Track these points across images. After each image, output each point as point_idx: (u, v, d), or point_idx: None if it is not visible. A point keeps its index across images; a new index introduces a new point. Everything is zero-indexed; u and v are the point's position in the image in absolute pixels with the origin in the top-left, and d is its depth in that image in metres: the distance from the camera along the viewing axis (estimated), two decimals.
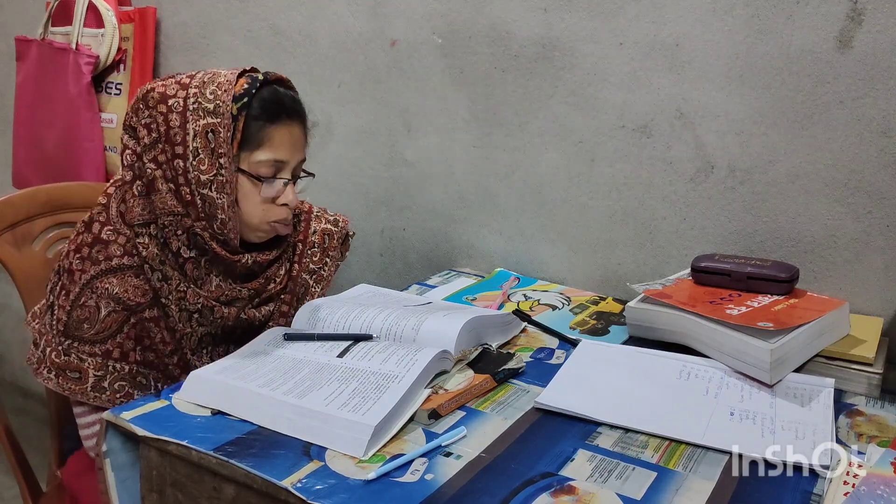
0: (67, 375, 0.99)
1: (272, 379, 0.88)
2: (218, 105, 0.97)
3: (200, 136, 0.97)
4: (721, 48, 1.16)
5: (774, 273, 1.03)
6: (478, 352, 0.97)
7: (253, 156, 1.00)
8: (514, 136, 1.37)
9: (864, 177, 1.10)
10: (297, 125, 1.04)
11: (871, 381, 0.94)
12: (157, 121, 0.99)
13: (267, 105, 1.01)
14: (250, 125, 0.99)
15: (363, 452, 0.76)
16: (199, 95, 0.98)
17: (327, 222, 1.20)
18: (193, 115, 0.97)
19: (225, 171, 0.98)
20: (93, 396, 0.99)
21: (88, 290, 0.99)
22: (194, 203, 0.99)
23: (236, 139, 0.99)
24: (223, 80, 0.99)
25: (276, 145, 1.01)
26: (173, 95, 0.98)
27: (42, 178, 1.82)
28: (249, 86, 1.00)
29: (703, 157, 1.21)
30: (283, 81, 1.06)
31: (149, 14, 1.76)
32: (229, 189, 0.99)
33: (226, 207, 0.99)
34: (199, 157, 0.97)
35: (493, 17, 1.34)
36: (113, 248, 1.00)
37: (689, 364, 0.97)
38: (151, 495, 0.83)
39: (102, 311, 0.99)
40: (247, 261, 1.05)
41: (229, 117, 0.97)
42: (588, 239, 1.34)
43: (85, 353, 0.99)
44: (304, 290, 1.14)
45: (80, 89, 1.78)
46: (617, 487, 0.72)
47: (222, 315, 1.04)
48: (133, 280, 1.00)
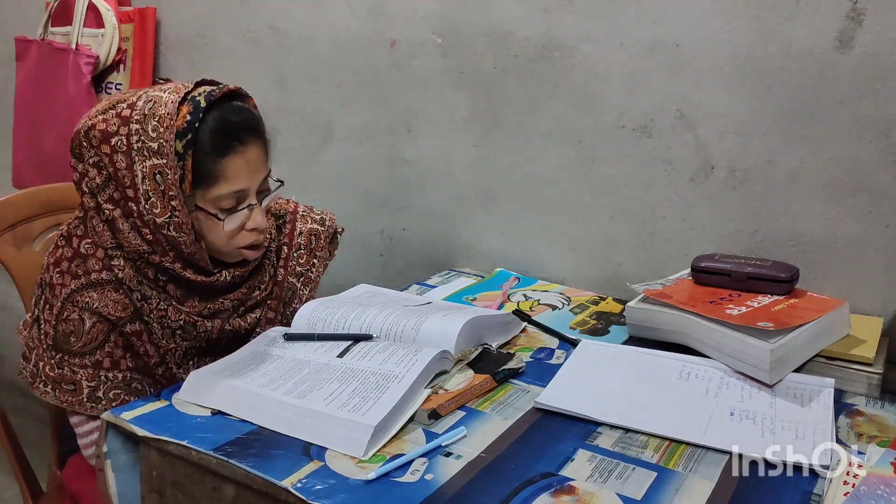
0: (63, 388, 0.98)
1: (272, 379, 0.88)
2: (161, 144, 0.91)
3: (149, 178, 0.92)
4: (721, 48, 1.16)
5: (774, 273, 1.03)
6: (478, 352, 0.97)
7: (210, 192, 0.95)
8: (514, 136, 1.37)
9: (864, 177, 1.10)
10: (252, 147, 0.97)
11: (871, 381, 0.94)
12: (104, 161, 0.94)
13: (214, 137, 0.94)
14: (201, 162, 0.94)
15: (363, 452, 0.76)
16: (142, 132, 0.92)
17: (314, 222, 1.16)
18: (139, 155, 0.92)
19: (179, 212, 0.93)
20: (89, 407, 0.98)
21: (70, 303, 0.97)
22: (158, 241, 0.96)
23: (187, 179, 0.93)
24: (164, 114, 0.92)
25: (232, 177, 0.96)
26: (115, 133, 0.93)
27: (42, 179, 1.81)
28: (192, 117, 0.93)
29: (703, 157, 1.21)
30: (233, 94, 0.98)
31: (149, 14, 1.75)
32: (187, 229, 0.95)
33: (188, 244, 0.96)
34: (150, 201, 0.93)
35: (493, 17, 1.34)
36: (91, 262, 0.98)
37: (689, 364, 0.97)
38: (152, 495, 0.83)
39: (87, 323, 0.97)
40: (224, 279, 1.02)
41: (174, 158, 0.92)
42: (588, 239, 1.34)
43: (76, 365, 0.98)
44: (291, 294, 1.12)
45: (79, 89, 1.78)
46: (617, 487, 0.72)
47: (206, 329, 1.02)
48: (113, 294, 0.98)
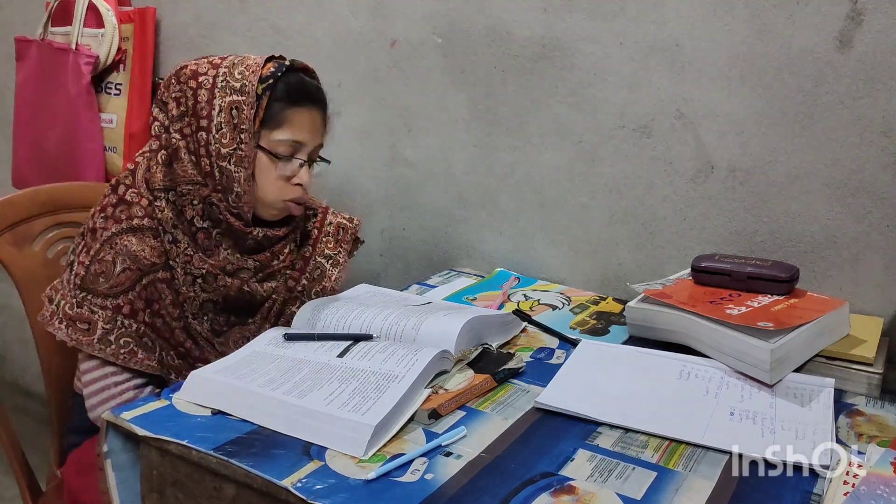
0: (77, 326, 1.02)
1: (272, 379, 0.88)
2: (244, 84, 1.04)
3: (225, 111, 1.03)
4: (721, 48, 1.16)
5: (774, 273, 1.03)
6: (478, 352, 0.97)
7: (273, 134, 1.06)
8: (514, 136, 1.37)
9: (864, 177, 1.10)
10: (317, 111, 1.10)
11: (871, 381, 0.94)
12: (187, 95, 1.05)
13: (290, 88, 1.06)
14: (273, 105, 1.05)
15: (363, 452, 0.76)
16: (228, 75, 1.05)
17: (343, 218, 1.25)
18: (221, 91, 1.04)
19: (245, 146, 1.03)
20: (98, 348, 1.02)
21: (108, 245, 1.04)
22: (213, 174, 1.04)
23: (258, 117, 1.04)
24: (252, 63, 1.06)
25: (296, 127, 1.07)
26: (204, 73, 1.05)
27: (42, 179, 1.81)
28: (276, 69, 1.06)
29: (703, 157, 1.21)
30: (309, 71, 1.12)
31: (149, 14, 1.75)
32: (247, 164, 1.04)
33: (242, 181, 1.04)
34: (221, 131, 1.03)
35: (493, 17, 1.34)
36: (135, 209, 1.06)
37: (689, 364, 0.97)
38: (152, 495, 0.83)
39: (118, 266, 1.03)
40: (257, 234, 1.09)
41: (254, 96, 1.04)
42: (588, 239, 1.34)
43: (97, 305, 1.03)
44: (320, 273, 1.19)
45: (79, 89, 1.78)
46: (617, 487, 0.72)
47: (225, 284, 1.08)
48: (151, 240, 1.05)
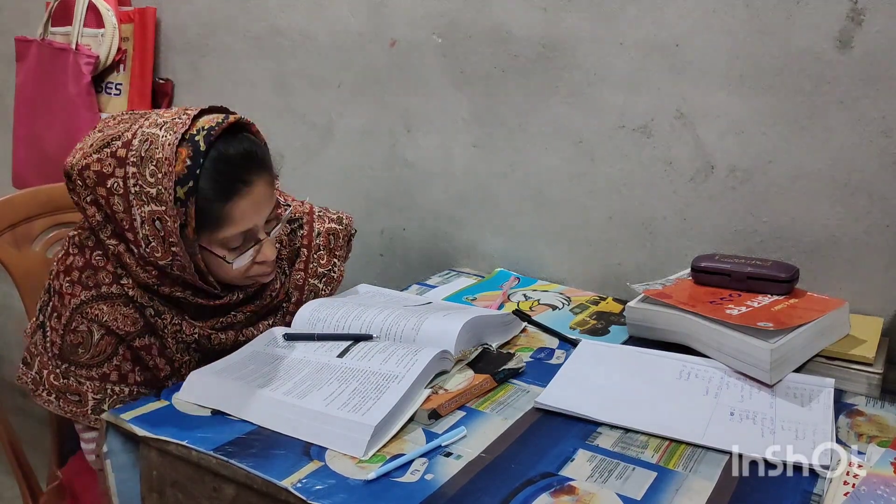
0: (68, 398, 0.97)
1: (272, 379, 0.88)
2: (160, 191, 0.88)
3: (148, 223, 0.90)
4: (721, 48, 1.16)
5: (774, 273, 1.03)
6: (478, 352, 0.97)
7: (216, 235, 0.94)
8: (514, 136, 1.37)
9: (864, 177, 1.10)
10: (258, 184, 0.94)
11: (871, 381, 0.94)
12: (100, 202, 0.92)
13: (217, 182, 0.91)
14: (205, 207, 0.91)
15: (363, 452, 0.76)
16: (139, 176, 0.89)
17: (331, 221, 1.16)
18: (137, 199, 0.89)
19: (180, 257, 0.91)
20: (93, 419, 0.97)
21: (79, 314, 0.96)
22: (164, 276, 0.95)
23: (190, 225, 0.91)
24: (161, 158, 0.88)
25: (239, 219, 0.93)
26: (111, 174, 0.90)
27: (42, 179, 1.81)
28: (192, 162, 0.89)
29: (703, 157, 1.21)
30: (239, 126, 0.95)
31: (149, 14, 1.75)
32: (190, 270, 0.93)
33: (196, 279, 0.95)
34: (151, 245, 0.91)
35: (493, 17, 1.34)
36: (102, 275, 0.96)
37: (689, 364, 0.97)
38: (152, 495, 0.83)
39: (95, 335, 0.96)
40: (237, 297, 1.02)
41: (173, 206, 0.89)
42: (588, 239, 1.34)
43: (83, 377, 0.97)
44: (313, 296, 1.12)
45: (79, 89, 1.78)
46: (617, 487, 0.72)
47: (220, 342, 1.01)
48: (123, 309, 0.96)
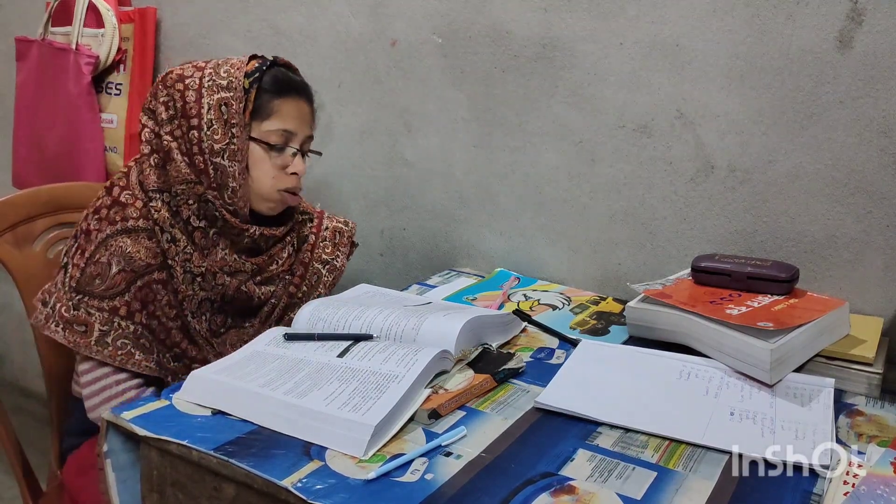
0: (74, 329, 1.03)
1: (272, 379, 0.88)
2: (231, 81, 1.07)
3: (214, 108, 1.06)
4: (721, 48, 1.16)
5: (774, 273, 1.03)
6: (478, 352, 0.97)
7: (264, 125, 1.09)
8: (514, 136, 1.37)
9: (864, 177, 1.10)
10: (304, 101, 1.13)
11: (871, 381, 0.94)
12: (175, 98, 1.07)
13: (276, 80, 1.10)
14: (261, 97, 1.08)
15: (363, 452, 0.76)
16: (214, 74, 1.08)
17: (338, 222, 1.28)
18: (208, 90, 1.06)
19: (237, 139, 1.06)
20: (95, 350, 1.02)
21: (103, 247, 1.05)
22: (207, 172, 1.06)
23: (248, 110, 1.07)
24: (236, 61, 1.10)
25: (286, 116, 1.10)
26: (190, 76, 1.08)
27: (42, 179, 1.82)
28: (260, 64, 1.10)
29: (703, 157, 1.21)
30: (291, 67, 1.15)
31: (149, 14, 1.76)
32: (240, 157, 1.06)
33: (237, 175, 1.06)
34: (212, 128, 1.05)
35: (493, 17, 1.34)
36: (130, 210, 1.07)
37: (689, 364, 0.97)
38: (152, 495, 0.83)
39: (113, 268, 1.04)
40: (254, 232, 1.10)
41: (241, 90, 1.07)
42: (588, 239, 1.34)
43: (93, 307, 1.03)
44: (316, 278, 1.23)
45: (80, 90, 1.78)
46: (617, 487, 0.72)
47: (223, 283, 1.09)
48: (146, 241, 1.06)
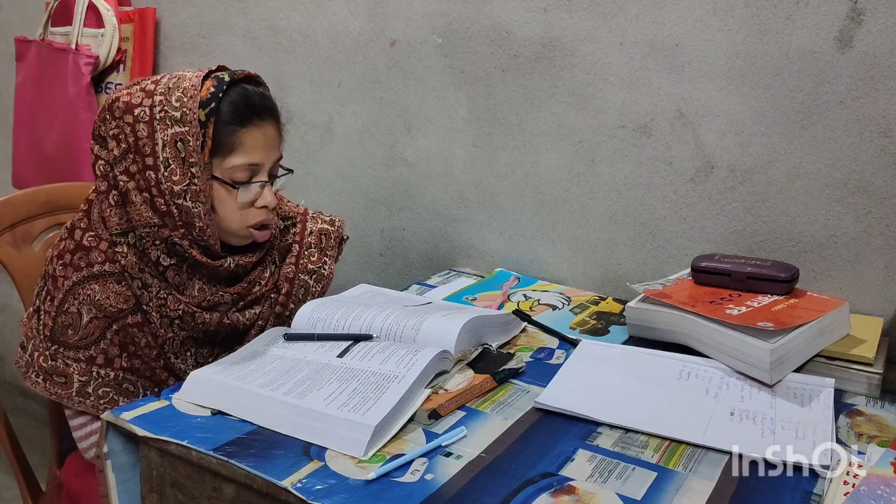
0: (54, 380, 0.99)
1: (272, 379, 0.88)
2: (185, 113, 0.95)
3: (170, 145, 0.96)
4: (721, 48, 1.16)
5: (774, 273, 1.03)
6: (478, 352, 0.97)
7: (226, 162, 0.99)
8: (514, 136, 1.37)
9: (864, 177, 1.10)
10: (269, 125, 1.02)
11: (871, 381, 0.94)
12: (125, 132, 0.97)
13: (236, 108, 0.98)
14: (221, 131, 0.97)
15: (363, 452, 0.76)
16: (165, 103, 0.96)
17: (323, 222, 1.20)
18: (161, 124, 0.96)
19: (198, 179, 0.96)
20: (77, 401, 1.00)
21: (71, 296, 0.99)
22: (170, 213, 0.98)
23: (207, 146, 0.97)
24: (188, 86, 0.97)
25: (250, 149, 0.99)
26: (139, 104, 0.97)
27: (42, 179, 1.82)
28: (216, 89, 0.98)
29: (703, 157, 1.21)
30: (252, 78, 1.04)
31: (149, 14, 1.76)
32: (204, 198, 0.97)
33: (202, 216, 0.98)
34: (170, 168, 0.96)
35: (493, 17, 1.34)
36: (94, 254, 1.00)
37: (689, 364, 0.97)
38: (152, 495, 0.83)
39: (84, 317, 0.99)
40: (229, 265, 1.04)
41: (197, 125, 0.96)
42: (588, 239, 1.34)
43: (70, 358, 0.99)
44: (304, 291, 1.14)
45: (79, 90, 1.78)
46: (617, 487, 0.72)
47: (204, 321, 1.03)
48: (115, 286, 1.00)
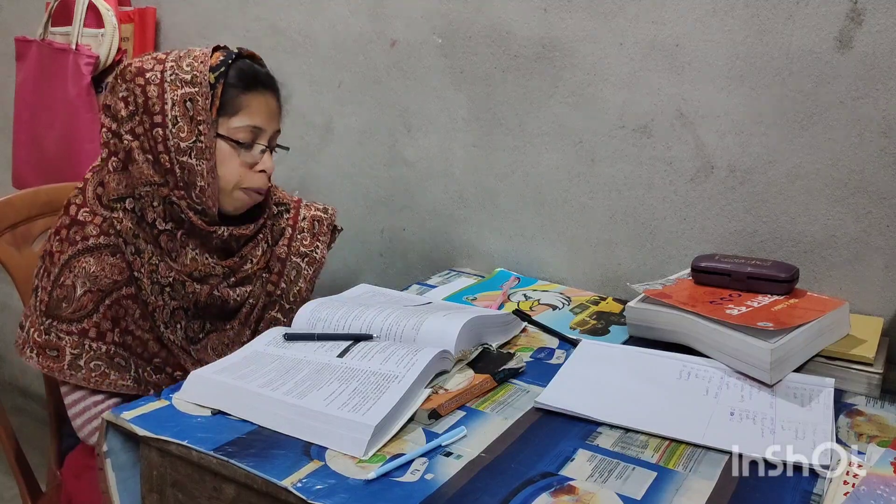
0: (47, 354, 1.01)
1: (272, 379, 0.88)
2: (195, 75, 1.01)
3: (179, 104, 1.00)
4: (721, 48, 1.16)
5: (774, 273, 1.03)
6: (478, 352, 0.97)
7: (231, 122, 1.04)
8: (514, 136, 1.37)
9: (864, 177, 1.10)
10: (272, 96, 1.08)
11: (871, 381, 0.94)
12: (135, 93, 1.01)
13: (243, 74, 1.05)
14: (228, 92, 1.03)
15: (363, 452, 0.76)
16: (177, 67, 1.02)
17: (316, 210, 1.25)
18: (171, 85, 1.01)
19: (204, 137, 1.01)
20: (69, 374, 1.01)
21: (67, 269, 1.02)
22: (173, 171, 1.01)
23: (214, 105, 1.02)
24: (199, 54, 1.04)
25: (254, 112, 1.05)
26: (150, 69, 1.02)
27: (42, 179, 1.81)
28: (225, 57, 1.05)
29: (703, 157, 1.21)
30: (256, 58, 1.10)
31: (149, 14, 1.76)
32: (208, 155, 1.02)
33: (205, 174, 1.02)
34: (178, 125, 1.00)
35: (493, 17, 1.34)
36: (89, 227, 1.03)
37: (689, 364, 0.97)
38: (152, 495, 0.83)
39: (78, 290, 1.01)
40: (223, 233, 1.06)
41: (207, 86, 1.01)
42: (588, 239, 1.34)
43: (63, 331, 1.01)
44: (296, 273, 1.19)
45: (79, 90, 1.78)
46: (617, 487, 0.72)
47: (194, 290, 1.05)
48: (109, 259, 1.02)
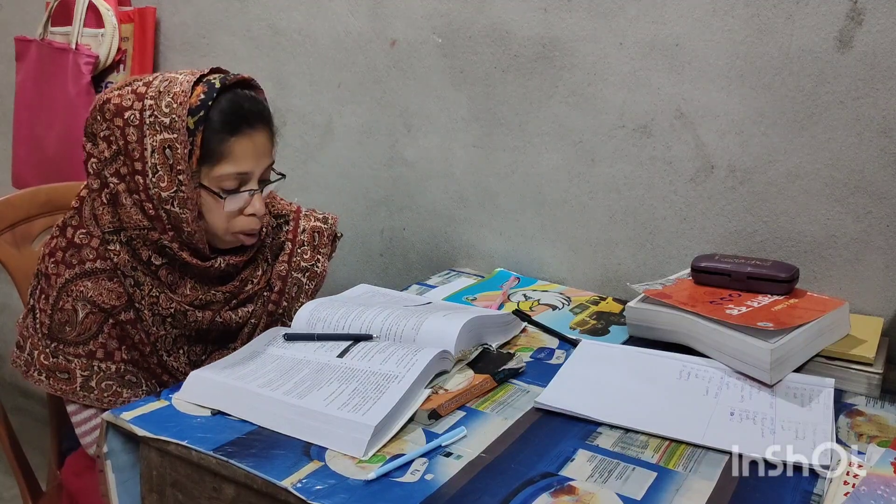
0: (57, 376, 1.00)
1: (272, 379, 0.88)
2: (174, 119, 0.95)
3: (158, 151, 0.95)
4: (721, 48, 1.16)
5: (774, 273, 1.03)
6: (478, 352, 0.97)
7: (214, 170, 0.98)
8: (514, 136, 1.37)
9: (864, 177, 1.10)
10: (260, 133, 1.01)
11: (871, 381, 0.94)
12: (115, 134, 0.97)
13: (226, 116, 0.98)
14: (210, 139, 0.97)
15: (363, 452, 0.76)
16: (155, 108, 0.95)
17: (316, 220, 1.20)
18: (150, 129, 0.95)
19: (185, 187, 0.96)
20: (82, 396, 1.00)
21: (65, 293, 1.00)
22: (159, 217, 0.98)
23: (195, 154, 0.96)
24: (178, 91, 0.96)
25: (239, 158, 0.99)
26: (129, 107, 0.96)
27: (41, 179, 1.81)
28: (206, 96, 0.97)
29: (703, 157, 1.21)
30: (246, 82, 1.03)
31: (148, 14, 1.75)
32: (191, 205, 0.97)
33: (190, 221, 0.98)
34: (158, 174, 0.96)
35: (493, 17, 1.34)
36: (86, 251, 1.01)
37: (689, 364, 0.97)
38: (152, 496, 0.83)
39: (80, 313, 0.99)
40: (219, 265, 1.04)
41: (185, 133, 0.95)
42: (588, 239, 1.34)
43: (70, 354, 1.00)
44: (297, 289, 1.15)
45: (79, 89, 1.78)
46: (617, 487, 0.72)
47: (196, 319, 1.03)
48: (107, 283, 1.00)
